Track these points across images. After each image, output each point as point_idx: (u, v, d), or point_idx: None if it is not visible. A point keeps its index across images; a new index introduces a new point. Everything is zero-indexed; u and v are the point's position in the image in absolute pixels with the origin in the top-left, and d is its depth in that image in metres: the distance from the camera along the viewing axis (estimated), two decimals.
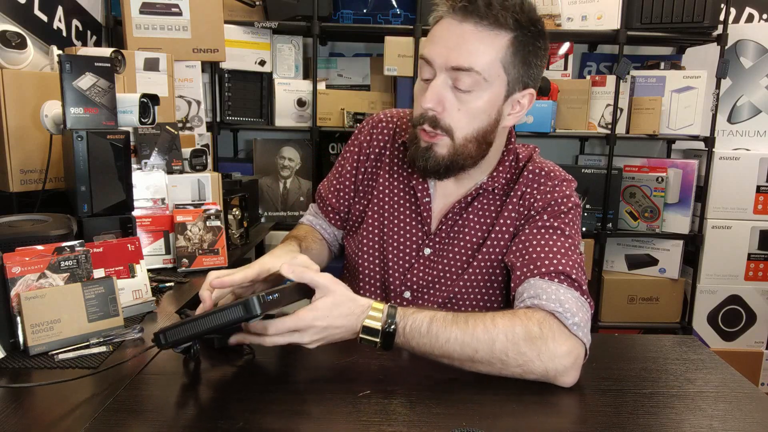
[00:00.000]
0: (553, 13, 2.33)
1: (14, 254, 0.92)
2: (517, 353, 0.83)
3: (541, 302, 0.88)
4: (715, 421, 0.76)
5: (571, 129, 2.41)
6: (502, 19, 0.91)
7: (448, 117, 0.96)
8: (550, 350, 0.83)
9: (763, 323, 2.45)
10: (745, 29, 2.45)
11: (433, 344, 0.84)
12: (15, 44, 1.45)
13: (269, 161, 2.45)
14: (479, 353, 0.83)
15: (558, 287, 0.90)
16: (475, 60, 0.91)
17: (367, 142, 1.17)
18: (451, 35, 0.92)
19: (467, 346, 0.83)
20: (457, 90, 0.94)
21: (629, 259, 2.53)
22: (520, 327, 0.84)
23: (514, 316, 0.86)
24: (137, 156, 1.50)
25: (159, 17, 2.00)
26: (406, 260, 1.09)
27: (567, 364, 0.83)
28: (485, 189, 1.05)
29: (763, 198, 2.38)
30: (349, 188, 1.17)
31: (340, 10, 2.29)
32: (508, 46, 0.93)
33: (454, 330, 0.84)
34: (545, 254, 0.94)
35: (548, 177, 1.04)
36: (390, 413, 0.75)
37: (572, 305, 0.87)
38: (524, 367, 0.83)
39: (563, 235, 0.97)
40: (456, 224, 1.07)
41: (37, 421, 0.72)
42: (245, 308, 0.75)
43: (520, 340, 0.83)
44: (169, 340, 0.79)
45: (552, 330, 0.84)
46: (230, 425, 0.71)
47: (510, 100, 0.98)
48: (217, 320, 0.76)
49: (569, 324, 0.85)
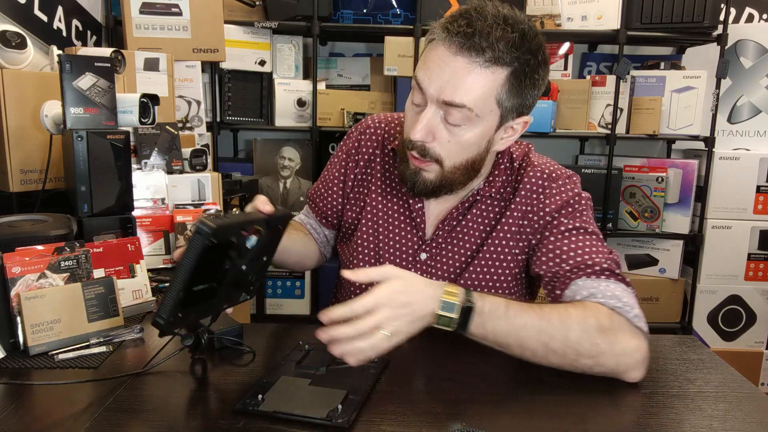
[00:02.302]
0: (553, 13, 2.33)
1: (14, 254, 0.92)
2: (591, 344, 0.82)
3: (599, 300, 0.88)
4: (715, 421, 0.76)
5: (571, 129, 2.41)
6: (500, 56, 0.87)
7: (438, 147, 0.94)
8: (622, 344, 0.83)
9: (763, 323, 2.45)
10: (745, 29, 2.45)
11: (510, 328, 0.81)
12: (15, 44, 1.45)
13: (269, 161, 2.45)
14: (554, 341, 0.82)
15: (608, 284, 0.90)
16: (468, 98, 0.88)
17: (355, 148, 1.16)
18: (445, 67, 0.88)
19: (543, 332, 0.82)
20: (448, 122, 0.92)
21: (629, 259, 2.53)
22: (593, 318, 0.83)
23: (586, 308, 0.85)
24: (137, 156, 1.50)
25: (159, 17, 2.00)
26: (402, 266, 1.08)
27: (638, 359, 0.83)
28: (483, 195, 1.04)
29: (763, 198, 2.38)
30: (338, 194, 1.17)
31: (340, 10, 2.29)
32: (504, 82, 0.89)
33: (530, 315, 0.82)
34: (580, 256, 0.94)
35: (551, 179, 1.03)
36: (390, 413, 0.75)
37: (629, 299, 0.88)
38: (597, 359, 0.83)
39: (587, 232, 0.97)
40: (453, 230, 1.06)
41: (37, 421, 0.72)
42: (197, 230, 0.73)
43: (594, 331, 0.82)
44: (164, 315, 0.75)
45: (621, 325, 0.85)
46: (230, 425, 0.71)
47: (503, 127, 0.96)
48: (185, 264, 0.73)
49: (631, 317, 0.86)
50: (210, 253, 0.75)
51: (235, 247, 0.81)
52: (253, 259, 0.86)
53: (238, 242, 0.81)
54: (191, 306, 0.79)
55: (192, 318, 0.83)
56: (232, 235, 0.79)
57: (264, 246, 0.86)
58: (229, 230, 0.77)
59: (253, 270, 0.87)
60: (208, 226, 0.72)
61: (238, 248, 0.82)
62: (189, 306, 0.79)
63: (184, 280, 0.75)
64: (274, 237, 0.90)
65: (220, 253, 0.79)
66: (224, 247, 0.79)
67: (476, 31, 0.86)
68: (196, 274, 0.75)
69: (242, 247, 0.82)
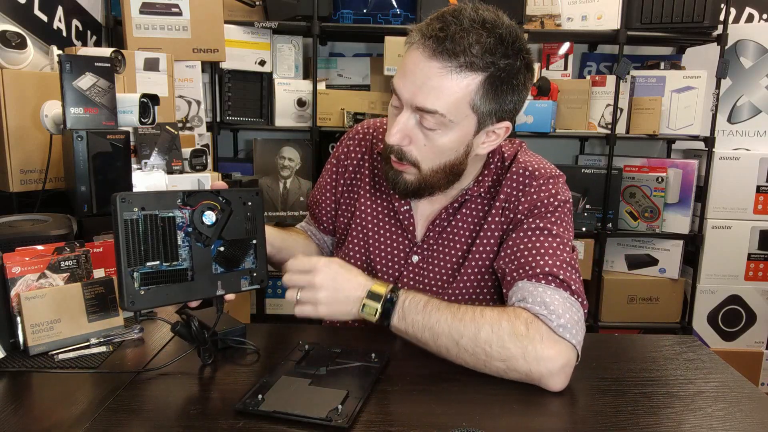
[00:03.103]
0: (553, 13, 2.33)
1: (14, 254, 0.92)
2: (500, 347, 0.83)
3: (527, 305, 0.87)
4: (715, 421, 0.76)
5: (571, 129, 2.41)
6: (474, 62, 0.85)
7: (414, 151, 0.94)
8: (537, 351, 0.82)
9: (763, 323, 2.45)
10: (745, 29, 2.45)
11: (425, 323, 0.86)
12: (15, 44, 1.45)
13: (269, 161, 2.45)
14: (464, 339, 0.84)
15: (545, 289, 0.88)
16: (440, 103, 0.87)
17: (345, 154, 1.16)
18: (418, 72, 0.88)
19: (454, 329, 0.85)
20: (423, 126, 0.91)
21: (629, 259, 2.53)
22: (506, 322, 0.84)
23: (503, 312, 0.86)
24: (137, 156, 1.50)
25: (159, 17, 2.00)
26: (395, 268, 1.08)
27: (553, 368, 0.82)
28: (471, 194, 1.03)
29: (763, 198, 2.38)
30: (330, 200, 1.18)
31: (340, 10, 2.29)
32: (478, 88, 0.88)
33: (445, 312, 0.86)
34: (532, 257, 0.93)
35: (532, 177, 1.00)
36: (390, 413, 0.75)
37: (559, 306, 0.86)
38: (508, 363, 0.83)
39: (550, 234, 0.95)
40: (444, 231, 1.05)
41: (37, 421, 0.72)
42: (110, 201, 0.77)
43: (505, 334, 0.83)
44: (122, 293, 0.78)
45: (539, 332, 0.83)
46: (230, 425, 0.71)
47: (483, 132, 0.94)
48: (115, 238, 0.77)
49: (555, 326, 0.84)
50: (152, 229, 0.79)
51: (188, 224, 0.83)
52: (236, 242, 0.87)
53: (192, 219, 0.83)
54: (159, 285, 0.80)
55: (165, 298, 0.82)
56: (153, 205, 0.80)
57: (238, 225, 0.87)
58: (144, 200, 0.79)
59: (239, 252, 0.88)
60: (116, 196, 0.76)
61: (193, 225, 0.83)
62: (154, 284, 0.80)
63: (119, 253, 0.77)
64: (251, 216, 0.90)
65: (167, 230, 0.81)
66: (169, 223, 0.81)
67: (449, 35, 0.85)
68: (143, 250, 0.79)
69: (201, 224, 0.84)
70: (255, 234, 0.91)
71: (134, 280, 0.78)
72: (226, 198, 0.87)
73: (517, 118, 2.30)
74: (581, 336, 0.86)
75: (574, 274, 0.92)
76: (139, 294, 0.79)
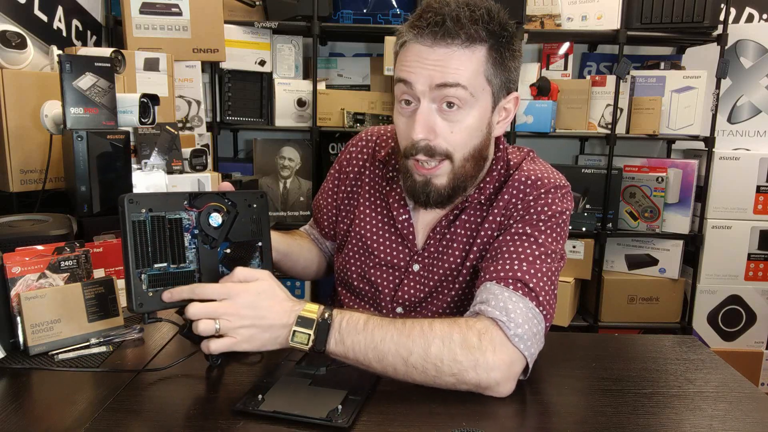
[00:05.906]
0: (553, 13, 2.33)
1: (14, 254, 0.92)
2: (452, 360, 0.79)
3: (487, 308, 0.85)
4: (715, 421, 0.76)
5: (571, 129, 2.41)
6: (475, 34, 0.88)
7: (443, 142, 0.92)
8: (488, 362, 0.79)
9: (763, 323, 2.45)
10: (745, 29, 2.45)
11: (368, 342, 0.80)
12: (15, 44, 1.45)
13: (269, 161, 2.45)
14: (413, 356, 0.79)
15: (511, 294, 0.86)
16: (459, 76, 0.88)
17: (347, 161, 1.16)
18: (426, 61, 0.88)
19: (402, 346, 0.80)
20: (445, 112, 0.90)
21: (629, 259, 2.52)
22: (457, 334, 0.81)
23: (454, 323, 0.83)
24: (137, 156, 1.50)
25: (159, 17, 2.00)
26: (395, 276, 1.07)
27: (499, 378, 0.80)
28: (471, 201, 1.01)
29: (763, 198, 2.38)
30: (332, 205, 1.18)
31: (340, 10, 2.29)
32: (487, 57, 0.90)
33: (390, 330, 0.81)
34: (509, 260, 0.91)
35: (534, 186, 0.99)
36: (390, 413, 0.75)
37: (519, 315, 0.84)
38: (458, 376, 0.80)
39: (535, 242, 0.93)
40: (444, 238, 1.04)
41: (37, 421, 0.72)
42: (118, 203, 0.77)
43: (457, 347, 0.80)
44: (131, 297, 0.78)
45: (492, 341, 0.81)
46: (230, 425, 0.71)
47: (497, 109, 0.96)
48: (123, 239, 0.77)
49: (510, 335, 0.82)
50: (159, 231, 0.79)
51: (195, 226, 0.83)
52: (241, 244, 0.87)
53: (200, 221, 0.83)
54: (166, 287, 0.81)
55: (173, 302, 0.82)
56: (160, 207, 0.80)
57: (244, 227, 0.88)
58: (152, 201, 0.79)
59: (245, 254, 0.88)
60: (124, 197, 0.76)
61: (199, 227, 0.83)
62: (162, 286, 0.80)
63: (127, 255, 0.77)
64: (256, 218, 0.90)
65: (174, 231, 0.81)
66: (176, 225, 0.81)
67: (445, 17, 0.87)
68: (150, 252, 0.78)
69: (207, 226, 0.84)
70: (260, 236, 0.91)
71: (142, 282, 0.78)
72: (231, 200, 0.87)
73: (518, 118, 2.30)
74: (535, 349, 0.85)
75: (548, 285, 0.89)
76: (147, 296, 0.78)
